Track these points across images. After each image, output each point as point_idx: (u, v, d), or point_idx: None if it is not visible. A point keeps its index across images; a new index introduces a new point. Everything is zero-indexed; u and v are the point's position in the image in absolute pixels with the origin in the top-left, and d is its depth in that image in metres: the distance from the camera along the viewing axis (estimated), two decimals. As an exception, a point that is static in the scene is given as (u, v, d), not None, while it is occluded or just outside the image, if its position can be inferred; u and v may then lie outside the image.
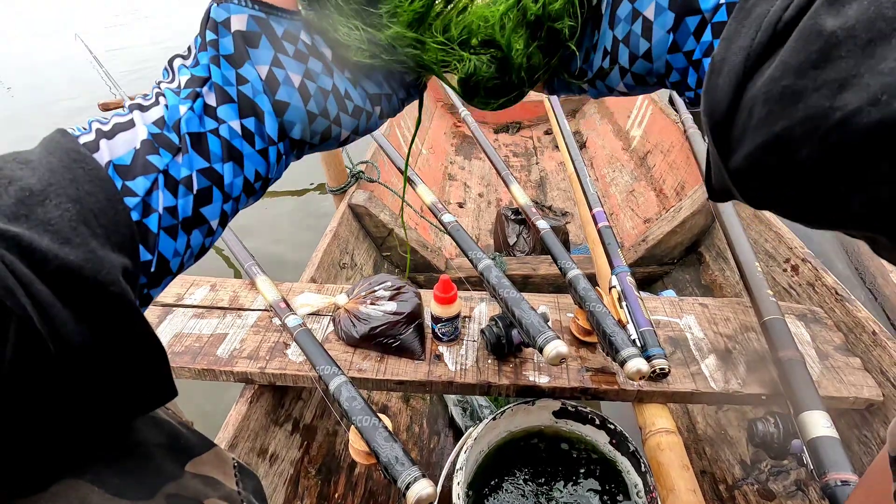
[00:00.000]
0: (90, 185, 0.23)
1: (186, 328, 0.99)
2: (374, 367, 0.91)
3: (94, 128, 0.26)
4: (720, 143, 0.22)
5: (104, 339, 0.22)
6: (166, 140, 0.26)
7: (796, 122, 0.18)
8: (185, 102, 0.27)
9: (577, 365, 0.91)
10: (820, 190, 0.19)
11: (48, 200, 0.21)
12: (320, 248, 1.34)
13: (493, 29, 0.30)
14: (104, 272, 0.21)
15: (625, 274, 0.92)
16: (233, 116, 0.27)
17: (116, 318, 0.22)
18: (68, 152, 0.23)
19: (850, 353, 0.91)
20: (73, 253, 0.21)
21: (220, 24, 0.27)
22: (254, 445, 0.91)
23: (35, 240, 0.20)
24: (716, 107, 0.21)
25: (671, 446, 0.82)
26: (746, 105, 0.20)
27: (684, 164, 1.76)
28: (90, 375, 0.22)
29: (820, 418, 0.72)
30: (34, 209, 0.20)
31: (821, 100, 0.17)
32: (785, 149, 0.19)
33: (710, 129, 0.22)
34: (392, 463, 0.66)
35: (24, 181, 0.21)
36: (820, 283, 1.06)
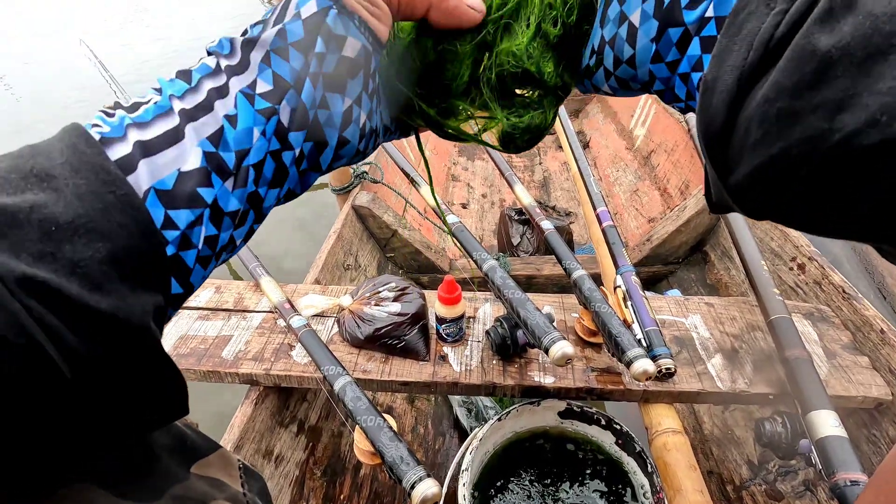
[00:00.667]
0: (122, 215, 0.20)
1: (192, 330, 0.99)
2: (379, 368, 0.91)
3: (130, 135, 0.21)
4: (717, 163, 0.22)
5: (129, 381, 0.21)
6: (220, 163, 0.22)
7: (793, 143, 0.18)
8: (260, 123, 0.22)
9: (582, 365, 0.90)
10: (819, 207, 0.19)
11: (77, 237, 0.18)
12: (324, 250, 1.34)
13: (523, 61, 0.29)
14: (135, 319, 0.20)
15: (630, 273, 0.92)
16: (300, 142, 0.24)
17: (144, 362, 0.21)
18: (97, 172, 0.20)
19: (858, 351, 0.91)
20: (103, 301, 0.19)
21: (333, 38, 0.23)
22: (259, 447, 0.91)
23: (64, 286, 0.18)
24: (710, 126, 0.21)
25: (678, 446, 0.81)
26: (742, 125, 0.20)
27: (688, 164, 1.75)
28: (110, 406, 0.21)
29: (828, 417, 0.71)
30: (62, 246, 0.18)
31: (818, 121, 0.17)
32: (783, 169, 0.19)
33: (705, 148, 0.22)
34: (397, 463, 0.66)
35: (48, 209, 0.18)
36: (827, 282, 1.06)
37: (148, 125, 0.21)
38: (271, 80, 0.23)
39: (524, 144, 0.32)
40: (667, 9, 0.23)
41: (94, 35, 7.42)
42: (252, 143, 0.22)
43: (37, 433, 0.18)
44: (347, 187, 1.62)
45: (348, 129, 0.25)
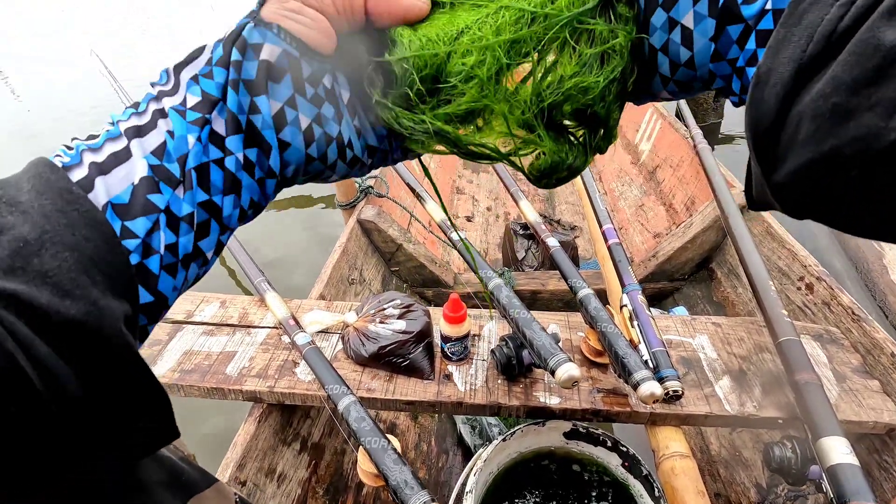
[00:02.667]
0: (87, 229, 0.21)
1: (196, 346, 0.99)
2: (383, 387, 0.90)
3: (85, 159, 0.23)
4: (762, 158, 0.21)
5: (107, 391, 0.21)
6: (167, 173, 0.24)
7: (846, 141, 0.17)
8: (193, 130, 0.24)
9: (588, 386, 0.89)
10: (865, 208, 0.19)
11: (44, 250, 0.20)
12: (329, 264, 1.34)
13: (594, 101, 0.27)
14: (107, 324, 0.20)
15: (636, 292, 0.91)
16: (239, 147, 0.26)
17: (119, 370, 0.21)
18: (61, 193, 0.21)
19: (868, 375, 0.89)
20: (73, 307, 0.19)
21: (249, 47, 0.25)
22: (262, 465, 0.91)
23: (35, 296, 0.19)
24: (760, 120, 0.20)
25: (685, 471, 0.80)
26: (793, 120, 0.19)
27: (694, 179, 1.75)
28: (91, 425, 0.21)
29: (839, 444, 0.70)
30: (30, 260, 0.19)
31: (874, 119, 0.16)
32: (833, 168, 0.18)
33: (753, 142, 0.21)
34: (401, 486, 0.65)
35: (16, 229, 0.20)
36: (836, 303, 1.05)
37: (100, 149, 0.24)
38: (199, 94, 0.25)
39: (556, 182, 0.30)
40: (723, 6, 0.23)
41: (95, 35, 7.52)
42: (188, 148, 0.24)
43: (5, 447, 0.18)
44: (353, 202, 1.63)
45: (285, 131, 0.26)
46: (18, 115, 4.86)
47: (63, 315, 0.19)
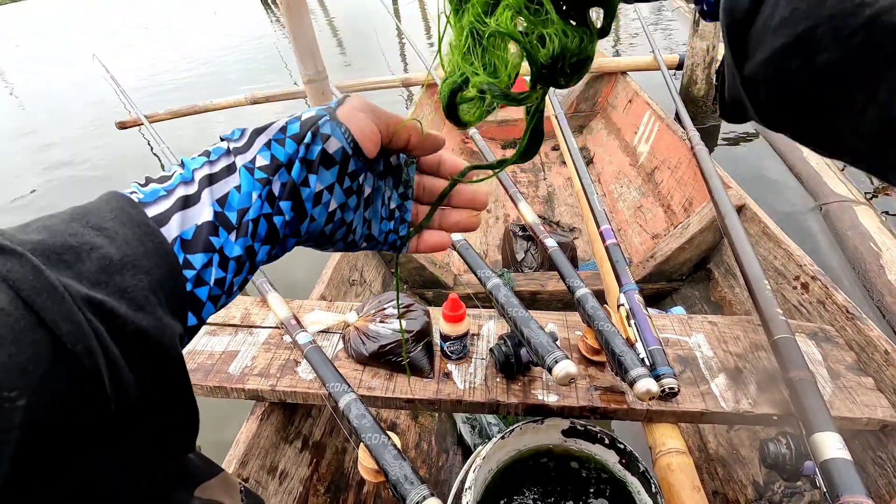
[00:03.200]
0: (157, 258, 0.25)
1: (199, 345, 1.01)
2: (384, 385, 0.92)
3: (160, 201, 0.27)
4: (736, 47, 0.22)
5: (158, 398, 0.24)
6: (226, 220, 0.28)
7: (821, 20, 0.17)
8: (256, 188, 0.28)
9: (585, 384, 0.90)
10: (836, 99, 0.19)
11: (125, 270, 0.23)
12: (330, 266, 1.35)
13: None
14: (167, 338, 0.23)
15: (633, 292, 0.92)
16: (288, 210, 0.30)
17: (172, 380, 0.24)
18: (140, 226, 0.25)
19: (862, 372, 0.90)
20: (145, 319, 0.23)
21: (320, 135, 0.29)
22: (264, 463, 0.92)
23: (116, 306, 0.21)
24: (735, 6, 0.21)
25: (682, 467, 0.81)
26: (769, 3, 0.19)
27: (692, 181, 1.76)
28: (137, 428, 0.23)
29: (832, 440, 0.71)
30: (113, 277, 0.22)
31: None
32: (806, 51, 0.18)
33: (727, 29, 0.22)
34: (401, 481, 0.66)
35: (103, 250, 0.23)
36: (830, 301, 1.06)
37: (173, 191, 0.27)
38: (269, 158, 0.29)
39: (571, 72, 0.29)
40: None
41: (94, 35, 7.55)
42: (251, 202, 0.28)
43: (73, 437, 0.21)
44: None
45: (316, 209, 0.31)
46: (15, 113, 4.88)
47: (136, 325, 0.22)
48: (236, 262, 0.29)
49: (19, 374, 0.19)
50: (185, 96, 4.91)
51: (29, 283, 0.19)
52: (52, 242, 0.22)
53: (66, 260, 0.21)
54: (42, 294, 0.19)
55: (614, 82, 2.79)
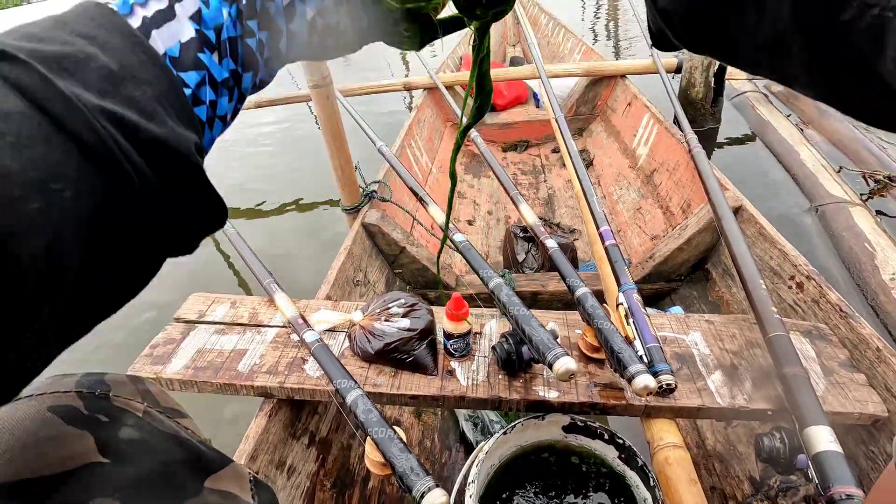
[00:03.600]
0: (155, 69, 0.23)
1: (209, 344, 1.03)
2: (389, 382, 0.94)
3: (136, 11, 0.25)
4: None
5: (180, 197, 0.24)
6: (207, 39, 0.26)
7: None
8: (225, 6, 0.26)
9: (585, 380, 0.93)
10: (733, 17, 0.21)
11: (127, 80, 0.22)
12: (335, 266, 1.38)
13: None
14: (183, 145, 0.23)
15: (631, 291, 0.95)
16: (256, 29, 0.28)
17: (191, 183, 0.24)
18: (128, 36, 0.23)
19: (855, 369, 0.93)
20: (157, 128, 0.22)
21: None
22: (273, 458, 0.94)
23: (128, 115, 0.21)
24: None
25: (679, 461, 0.84)
26: None
27: (690, 183, 1.79)
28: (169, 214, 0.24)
29: (824, 433, 0.74)
30: (118, 87, 0.21)
31: None
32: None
33: None
34: (407, 473, 0.69)
35: (101, 60, 0.22)
36: (825, 300, 1.08)
37: (146, 4, 0.25)
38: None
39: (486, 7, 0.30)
40: None
41: None
42: (223, 20, 0.27)
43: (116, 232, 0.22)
44: (357, 206, 1.67)
45: (293, 22, 0.29)
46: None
47: (150, 132, 0.22)
48: (225, 86, 0.27)
49: (57, 167, 0.19)
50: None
51: (41, 91, 0.19)
52: (48, 50, 0.20)
53: (67, 69, 0.20)
54: (56, 104, 0.19)
55: (613, 85, 2.82)
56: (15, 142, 0.18)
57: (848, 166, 2.29)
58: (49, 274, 0.18)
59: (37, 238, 0.18)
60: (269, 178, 3.35)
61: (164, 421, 0.42)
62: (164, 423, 0.42)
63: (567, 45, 3.82)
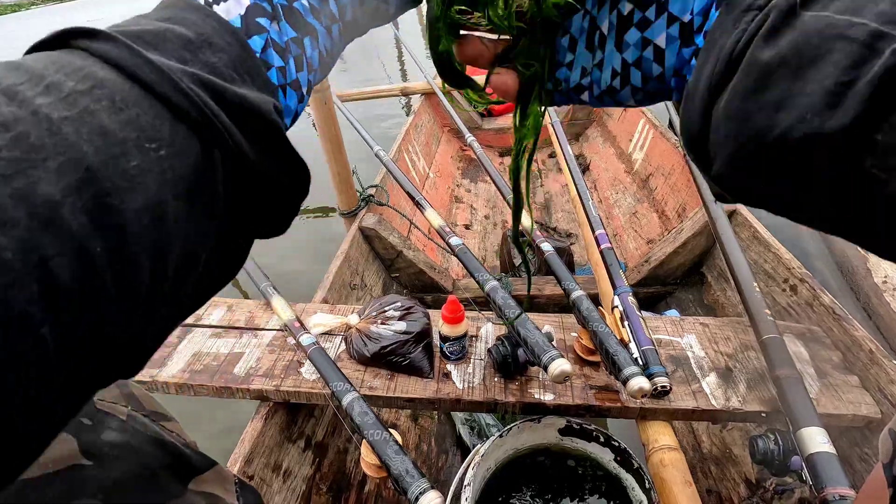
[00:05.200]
0: (227, 35, 0.24)
1: (205, 347, 1.03)
2: (385, 385, 0.94)
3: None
4: (698, 158, 0.26)
5: (267, 158, 0.25)
6: (262, 8, 0.27)
7: (748, 138, 0.22)
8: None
9: (581, 383, 0.93)
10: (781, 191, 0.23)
11: (205, 47, 0.23)
12: (332, 270, 1.38)
13: None
14: (263, 105, 0.24)
15: (626, 294, 0.95)
16: None
17: (274, 142, 0.25)
18: (199, 9, 0.25)
19: (848, 371, 0.94)
20: (238, 91, 0.23)
21: None
22: (268, 461, 0.94)
23: (210, 78, 0.22)
24: (691, 127, 0.25)
25: (674, 463, 0.84)
26: (714, 125, 0.24)
27: (685, 187, 1.80)
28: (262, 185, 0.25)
29: (817, 434, 0.74)
30: (196, 54, 0.23)
31: (763, 119, 0.21)
32: (746, 160, 0.23)
33: (688, 145, 0.26)
34: (402, 475, 0.69)
35: (179, 30, 0.23)
36: (818, 303, 1.09)
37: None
38: None
39: None
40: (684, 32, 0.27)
41: None
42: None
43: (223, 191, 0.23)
44: (355, 210, 1.68)
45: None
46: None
47: (234, 92, 0.23)
48: (290, 53, 0.28)
49: (151, 129, 0.19)
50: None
51: (128, 60, 0.20)
52: (129, 29, 0.22)
53: (148, 41, 0.22)
54: (144, 69, 0.20)
55: (610, 91, 2.84)
56: (110, 105, 0.19)
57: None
58: (152, 230, 0.19)
59: (138, 194, 0.18)
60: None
61: (147, 424, 0.43)
62: (147, 427, 0.42)
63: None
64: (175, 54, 0.22)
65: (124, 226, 0.18)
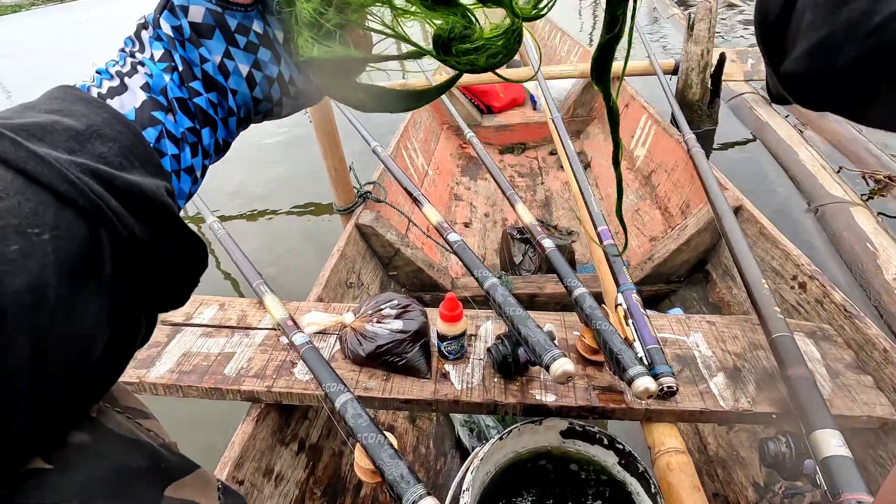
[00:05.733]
0: (118, 125, 0.26)
1: (195, 347, 1.00)
2: (381, 386, 0.91)
3: (93, 91, 0.28)
4: (770, 50, 0.24)
5: (159, 238, 0.26)
6: (158, 102, 0.29)
7: (839, 26, 0.19)
8: (167, 74, 0.29)
9: (584, 384, 0.90)
10: (862, 90, 0.20)
11: (94, 139, 0.24)
12: (327, 268, 1.35)
13: None
14: (155, 189, 0.25)
15: (630, 292, 0.92)
16: (202, 89, 0.30)
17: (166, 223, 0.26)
18: (90, 102, 0.26)
19: (861, 370, 0.90)
20: (128, 175, 0.24)
21: (178, 9, 0.29)
22: (259, 465, 0.91)
23: (99, 166, 0.23)
24: (768, 14, 0.23)
25: (681, 466, 0.81)
26: (798, 12, 0.21)
27: (688, 183, 1.77)
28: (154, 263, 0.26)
29: (831, 437, 0.71)
30: (85, 145, 0.23)
31: (861, 3, 0.18)
32: (829, 52, 0.20)
33: (761, 35, 0.23)
34: (397, 481, 0.66)
35: (66, 122, 0.24)
36: (829, 301, 1.06)
37: (101, 86, 0.28)
38: (161, 48, 0.30)
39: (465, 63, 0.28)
40: None
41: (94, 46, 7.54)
42: (165, 83, 0.29)
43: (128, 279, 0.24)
44: (351, 207, 1.64)
45: (230, 80, 0.31)
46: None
47: (123, 179, 0.23)
48: (186, 142, 0.30)
49: (33, 215, 0.20)
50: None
51: (12, 153, 0.20)
52: (15, 122, 0.22)
53: (34, 134, 0.22)
54: (29, 162, 0.20)
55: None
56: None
57: (848, 167, 2.27)
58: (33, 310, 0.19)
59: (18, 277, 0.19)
60: (265, 178, 3.32)
61: (121, 422, 0.39)
62: (121, 425, 0.39)
63: (564, 48, 3.81)
64: (63, 145, 0.23)
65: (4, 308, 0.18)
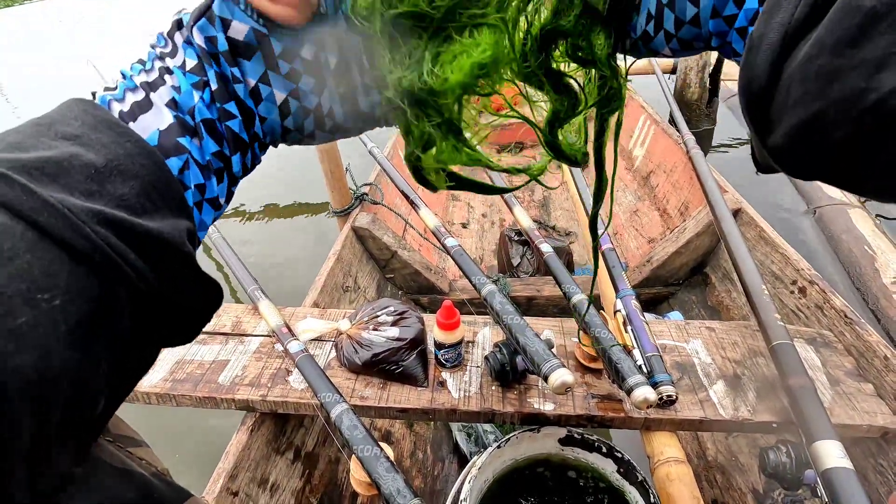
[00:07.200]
0: (141, 158, 0.23)
1: (188, 354, 0.99)
2: (377, 395, 0.90)
3: (114, 108, 0.25)
4: (756, 122, 0.22)
5: (178, 286, 0.24)
6: (185, 123, 0.26)
7: (831, 103, 0.18)
8: (197, 91, 0.26)
9: (582, 392, 0.89)
10: (856, 167, 0.19)
11: (114, 176, 0.22)
12: (323, 272, 1.33)
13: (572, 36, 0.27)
14: (176, 238, 0.23)
15: (630, 298, 0.91)
16: (235, 110, 0.27)
17: (185, 273, 0.24)
18: (111, 127, 0.23)
19: (862, 378, 0.89)
20: (149, 222, 0.22)
21: (218, 19, 0.26)
22: (254, 475, 0.90)
23: (116, 214, 0.21)
24: (753, 84, 0.21)
25: (681, 477, 0.80)
26: (784, 84, 0.20)
27: (687, 185, 1.76)
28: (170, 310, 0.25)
29: (833, 448, 0.70)
30: (105, 185, 0.21)
31: (856, 80, 0.17)
32: (820, 130, 0.19)
33: (746, 106, 0.22)
34: (394, 495, 0.65)
35: (84, 157, 0.21)
36: (828, 306, 1.05)
37: (123, 100, 0.26)
38: (195, 57, 0.27)
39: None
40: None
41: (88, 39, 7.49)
42: (194, 103, 0.26)
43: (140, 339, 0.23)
44: (348, 209, 1.63)
45: (261, 107, 0.28)
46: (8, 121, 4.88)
47: (143, 227, 0.22)
48: (211, 170, 0.27)
49: (44, 277, 0.18)
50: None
51: (24, 203, 0.18)
52: (29, 158, 0.20)
53: (49, 174, 0.20)
54: (42, 213, 0.19)
55: (609, 86, 2.79)
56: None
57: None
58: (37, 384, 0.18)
59: (25, 354, 0.17)
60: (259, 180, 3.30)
61: (113, 453, 0.38)
62: (112, 456, 0.37)
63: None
64: (80, 187, 0.21)
65: (4, 383, 0.17)
